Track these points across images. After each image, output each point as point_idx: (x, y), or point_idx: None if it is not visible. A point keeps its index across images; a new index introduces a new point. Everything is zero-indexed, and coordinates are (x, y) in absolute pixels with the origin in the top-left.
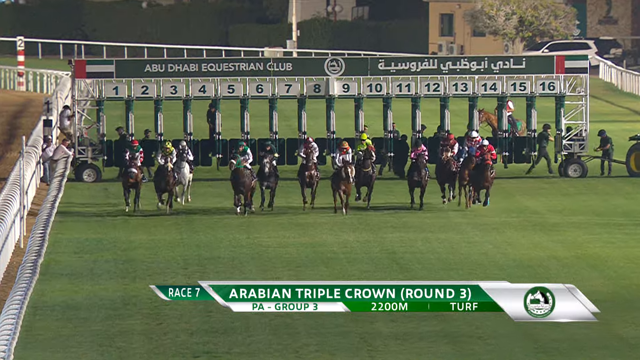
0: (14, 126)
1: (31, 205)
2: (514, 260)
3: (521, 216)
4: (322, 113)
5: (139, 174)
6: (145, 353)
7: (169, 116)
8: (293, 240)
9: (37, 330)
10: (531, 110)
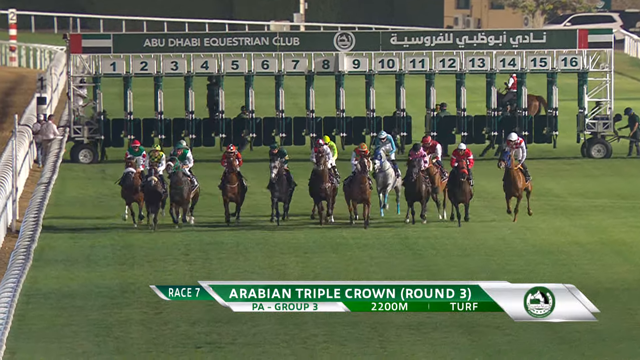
0: (5, 104)
1: (24, 188)
2: (533, 245)
3: (541, 199)
4: (331, 90)
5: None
6: (144, 344)
7: (170, 94)
8: (300, 224)
9: (31, 319)
10: (552, 88)
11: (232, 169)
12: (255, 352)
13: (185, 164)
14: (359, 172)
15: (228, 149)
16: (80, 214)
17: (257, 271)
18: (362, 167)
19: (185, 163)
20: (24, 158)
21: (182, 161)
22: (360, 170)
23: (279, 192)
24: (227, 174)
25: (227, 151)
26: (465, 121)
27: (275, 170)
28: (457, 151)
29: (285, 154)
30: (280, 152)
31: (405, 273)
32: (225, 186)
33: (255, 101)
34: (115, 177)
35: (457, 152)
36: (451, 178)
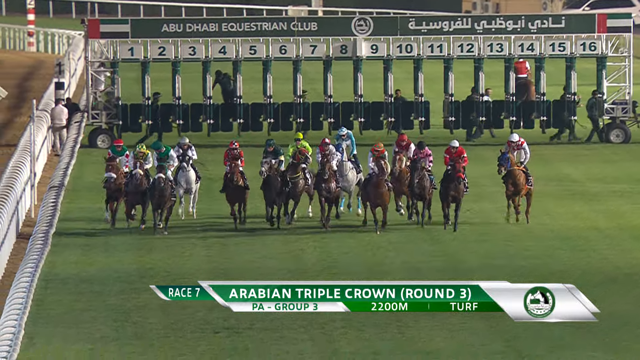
0: (23, 89)
1: (42, 173)
2: (552, 231)
3: (560, 184)
4: (349, 76)
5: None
6: (162, 329)
7: (187, 79)
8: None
9: (49, 304)
10: (571, 72)
11: (233, 170)
12: (273, 337)
13: (169, 163)
14: (376, 175)
15: (231, 145)
16: (98, 199)
17: (275, 256)
18: (380, 170)
19: (169, 162)
20: (42, 143)
21: (166, 161)
22: (378, 173)
23: (273, 194)
24: (230, 172)
25: (230, 148)
26: (484, 106)
27: (267, 165)
28: (449, 149)
29: (280, 154)
30: (276, 151)
31: (423, 258)
32: (228, 186)
33: (273, 86)
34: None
35: (449, 151)
36: (445, 177)
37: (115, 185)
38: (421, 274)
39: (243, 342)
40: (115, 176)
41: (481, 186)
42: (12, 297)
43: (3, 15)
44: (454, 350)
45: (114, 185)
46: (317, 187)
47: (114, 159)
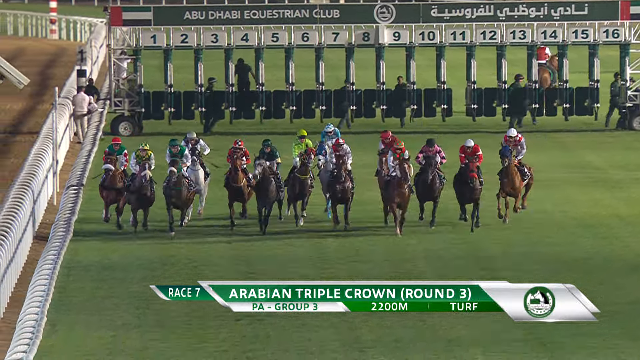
0: (46, 76)
1: (64, 161)
2: (574, 218)
3: (582, 172)
4: (372, 63)
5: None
6: (184, 316)
7: (210, 66)
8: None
9: (71, 291)
10: (594, 60)
11: (236, 168)
12: (294, 324)
13: (183, 162)
14: (399, 178)
15: (235, 144)
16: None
17: (297, 244)
18: (403, 174)
19: (183, 161)
20: (64, 131)
21: (180, 159)
22: (400, 177)
23: (266, 198)
24: (232, 172)
25: (234, 147)
26: (505, 93)
27: (260, 168)
28: (464, 148)
29: (277, 156)
30: (272, 152)
31: (444, 245)
32: (230, 185)
33: (295, 74)
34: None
35: (464, 149)
36: (458, 177)
37: (110, 185)
38: (443, 262)
39: (264, 330)
40: (113, 168)
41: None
42: (34, 284)
43: (26, 3)
44: (475, 338)
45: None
46: (331, 188)
47: (112, 154)
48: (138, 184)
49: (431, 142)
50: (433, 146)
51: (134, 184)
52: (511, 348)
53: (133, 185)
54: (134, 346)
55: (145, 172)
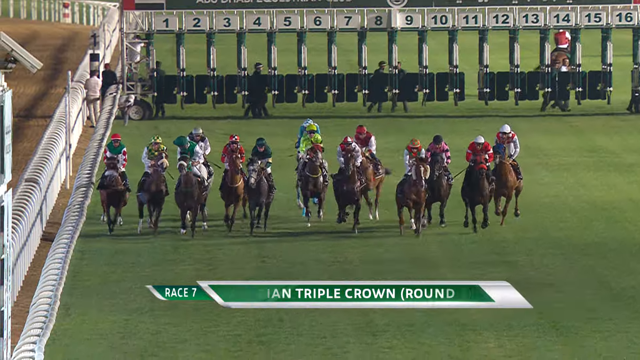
0: (59, 61)
1: (77, 145)
2: (587, 202)
3: (595, 156)
4: (384, 47)
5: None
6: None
7: (222, 50)
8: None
9: (84, 275)
10: (606, 43)
11: (235, 168)
12: (307, 308)
13: (195, 159)
14: (414, 179)
15: (231, 139)
16: (132, 170)
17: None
18: (417, 175)
19: (195, 159)
20: (77, 115)
21: (191, 157)
22: (415, 178)
23: (257, 199)
24: (229, 173)
25: (230, 141)
26: (518, 78)
27: (255, 174)
28: (474, 144)
29: (270, 155)
30: (266, 151)
31: (457, 229)
32: (226, 187)
33: (307, 58)
34: (168, 134)
35: (473, 146)
36: (467, 175)
37: (113, 188)
38: (457, 246)
39: (277, 314)
40: (117, 174)
41: (517, 157)
42: (47, 267)
43: None
44: (488, 321)
45: (111, 187)
46: (337, 188)
47: (113, 159)
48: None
49: (438, 138)
50: (440, 143)
51: (148, 180)
52: (524, 332)
53: (148, 181)
54: (147, 330)
55: (162, 160)
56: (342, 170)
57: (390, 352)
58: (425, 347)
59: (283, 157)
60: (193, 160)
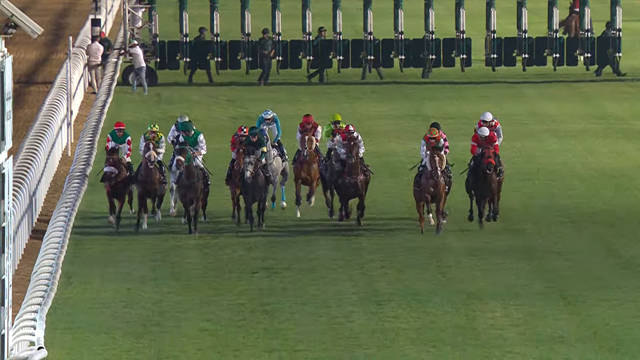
0: (60, 26)
1: (79, 111)
2: (595, 170)
3: (603, 122)
4: (389, 12)
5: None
6: (200, 269)
7: (226, 15)
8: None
9: (86, 243)
10: (616, 8)
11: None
12: (311, 277)
13: (197, 150)
14: (429, 170)
15: (240, 131)
16: (135, 138)
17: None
18: (432, 165)
19: (197, 149)
20: (78, 81)
21: (192, 147)
22: (431, 169)
23: (252, 193)
24: (236, 165)
25: (239, 134)
26: (526, 43)
27: (251, 167)
28: (477, 137)
29: (264, 145)
30: (260, 141)
31: (465, 198)
32: (232, 179)
33: (312, 24)
34: (170, 101)
35: (477, 137)
36: (473, 169)
37: (118, 180)
38: (463, 215)
39: (281, 283)
40: (117, 171)
41: (524, 124)
42: (49, 236)
43: None
44: (495, 291)
45: (114, 180)
46: (339, 181)
47: (115, 150)
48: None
49: (436, 126)
50: (438, 132)
51: (140, 172)
52: (531, 301)
53: (140, 174)
54: (149, 299)
55: (150, 152)
56: (343, 161)
57: (395, 321)
58: (431, 316)
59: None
60: (194, 150)
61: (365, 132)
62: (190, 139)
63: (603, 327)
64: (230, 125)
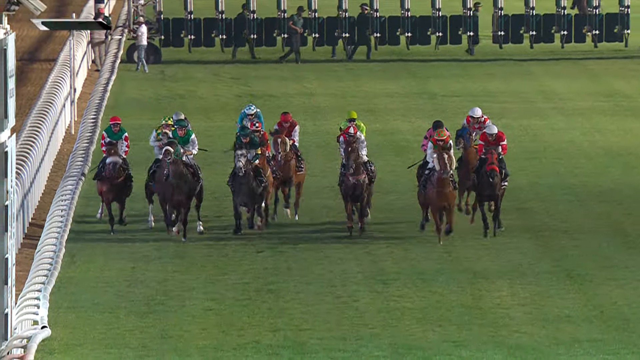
0: (62, 3)
1: (82, 89)
2: (602, 148)
3: (611, 100)
4: None
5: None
6: (205, 248)
7: None
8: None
9: (90, 222)
10: None
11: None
12: (317, 256)
13: (188, 149)
14: (439, 172)
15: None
16: (139, 115)
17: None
18: (442, 166)
19: (188, 148)
20: (82, 58)
21: (184, 146)
22: (440, 170)
23: (245, 196)
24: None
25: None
26: (534, 20)
27: (244, 158)
28: (485, 135)
29: (257, 146)
30: (252, 142)
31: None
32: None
33: (317, 0)
34: (175, 78)
35: (485, 136)
36: (477, 171)
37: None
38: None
39: (286, 262)
40: (121, 161)
41: (531, 102)
42: (52, 214)
43: None
44: (501, 270)
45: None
46: (341, 182)
47: (114, 144)
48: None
49: (438, 124)
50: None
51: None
52: (537, 280)
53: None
54: (154, 278)
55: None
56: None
57: (400, 300)
58: (437, 295)
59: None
60: (185, 149)
61: (371, 110)
62: (182, 138)
63: (610, 306)
64: (234, 103)
